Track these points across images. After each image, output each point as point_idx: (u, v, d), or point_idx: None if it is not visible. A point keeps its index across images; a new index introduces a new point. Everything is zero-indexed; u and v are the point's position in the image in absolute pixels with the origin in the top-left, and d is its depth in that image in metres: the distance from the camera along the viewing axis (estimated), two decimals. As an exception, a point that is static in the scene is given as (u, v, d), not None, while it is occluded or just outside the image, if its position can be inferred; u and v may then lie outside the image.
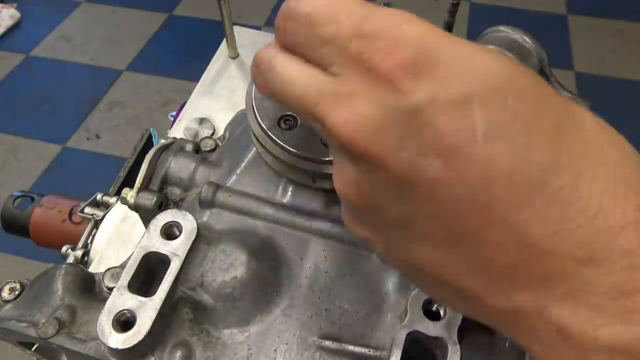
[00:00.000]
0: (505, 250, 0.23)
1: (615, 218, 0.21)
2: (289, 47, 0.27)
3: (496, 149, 0.22)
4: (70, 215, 0.76)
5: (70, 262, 0.69)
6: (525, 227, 0.22)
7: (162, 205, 0.48)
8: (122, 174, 0.80)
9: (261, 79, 0.28)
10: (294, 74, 0.26)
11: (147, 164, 0.48)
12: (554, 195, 0.22)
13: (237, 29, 0.91)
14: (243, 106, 0.48)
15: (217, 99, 0.86)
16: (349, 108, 0.23)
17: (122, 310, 0.36)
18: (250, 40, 0.94)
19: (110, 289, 0.40)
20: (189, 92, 0.87)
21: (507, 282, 0.23)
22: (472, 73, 0.22)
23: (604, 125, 0.24)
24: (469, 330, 0.39)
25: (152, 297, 0.37)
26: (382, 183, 0.24)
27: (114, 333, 0.36)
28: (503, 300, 0.24)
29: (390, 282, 0.41)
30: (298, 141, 0.42)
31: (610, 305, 0.21)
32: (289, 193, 0.45)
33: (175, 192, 0.50)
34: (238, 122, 0.55)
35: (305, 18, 0.25)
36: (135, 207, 0.48)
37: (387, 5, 0.52)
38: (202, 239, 0.41)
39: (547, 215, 0.22)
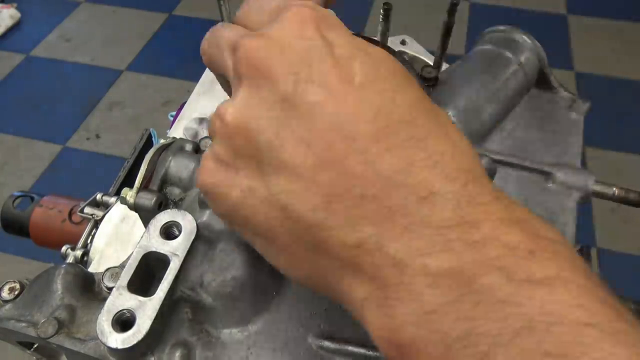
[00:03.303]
0: (361, 180, 0.26)
1: (449, 168, 0.27)
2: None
3: (368, 94, 0.27)
4: (70, 215, 0.76)
5: (70, 262, 0.69)
6: (381, 159, 0.26)
7: (162, 205, 0.48)
8: (122, 174, 0.80)
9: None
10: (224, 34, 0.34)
11: (147, 164, 0.48)
12: (407, 139, 0.27)
13: (237, 29, 0.91)
14: (243, 106, 0.48)
15: (217, 99, 0.86)
16: (259, 39, 0.29)
17: (122, 310, 0.37)
18: (250, 40, 0.94)
19: (110, 289, 0.40)
20: (189, 92, 0.87)
21: (357, 215, 0.26)
22: (358, 45, 0.29)
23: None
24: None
25: (151, 297, 0.37)
26: (266, 101, 0.28)
27: (113, 333, 0.36)
28: (349, 234, 0.27)
29: (390, 282, 0.41)
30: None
31: (439, 238, 0.25)
32: (289, 193, 0.45)
33: (175, 192, 0.49)
34: (238, 122, 0.55)
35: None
36: (134, 207, 0.48)
37: (387, 7, 0.52)
38: (202, 238, 0.41)
39: (399, 153, 0.26)
